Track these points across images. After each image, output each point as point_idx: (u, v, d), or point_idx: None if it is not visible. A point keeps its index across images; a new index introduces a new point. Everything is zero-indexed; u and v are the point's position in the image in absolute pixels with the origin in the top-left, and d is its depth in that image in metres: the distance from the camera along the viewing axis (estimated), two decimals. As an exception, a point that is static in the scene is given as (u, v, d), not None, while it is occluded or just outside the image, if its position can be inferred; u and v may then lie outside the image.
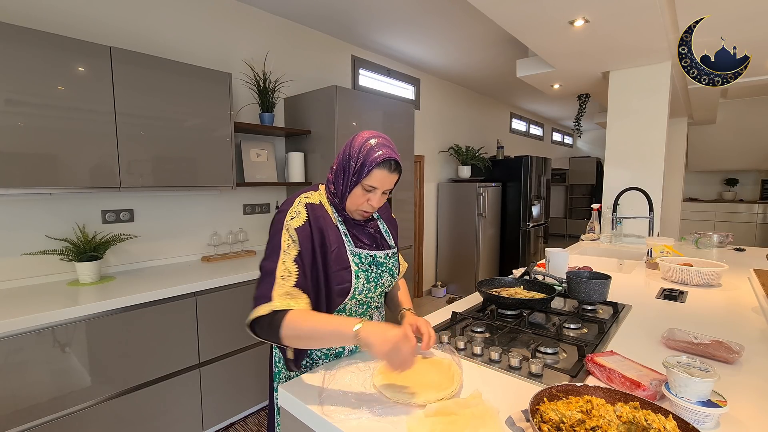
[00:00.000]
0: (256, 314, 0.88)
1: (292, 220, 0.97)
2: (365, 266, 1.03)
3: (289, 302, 0.88)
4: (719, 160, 6.76)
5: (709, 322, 1.28)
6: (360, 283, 1.01)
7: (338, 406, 0.81)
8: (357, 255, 1.03)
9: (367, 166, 0.95)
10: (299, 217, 0.97)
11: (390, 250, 1.11)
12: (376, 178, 0.96)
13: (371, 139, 0.98)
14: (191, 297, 1.95)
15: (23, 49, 1.60)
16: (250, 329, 0.92)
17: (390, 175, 0.98)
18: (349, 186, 0.99)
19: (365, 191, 0.99)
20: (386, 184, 0.99)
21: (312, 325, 0.86)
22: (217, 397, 2.09)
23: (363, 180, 0.97)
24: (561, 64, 3.28)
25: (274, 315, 0.87)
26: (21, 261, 1.89)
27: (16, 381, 1.47)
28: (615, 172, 3.46)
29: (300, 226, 0.96)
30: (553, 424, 0.66)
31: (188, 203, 2.50)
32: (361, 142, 0.98)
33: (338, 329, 0.84)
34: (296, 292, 0.90)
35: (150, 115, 1.98)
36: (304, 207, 0.99)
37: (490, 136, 5.90)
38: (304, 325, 0.85)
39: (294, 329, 0.85)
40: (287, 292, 0.89)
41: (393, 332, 0.81)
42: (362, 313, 1.08)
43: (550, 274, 1.64)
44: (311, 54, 3.18)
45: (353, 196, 1.00)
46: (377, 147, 0.96)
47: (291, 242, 0.94)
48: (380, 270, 1.06)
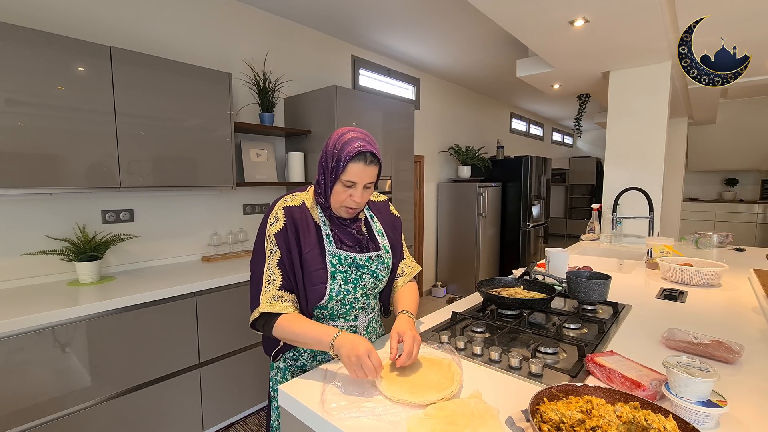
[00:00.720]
0: (252, 317, 1.01)
1: (271, 225, 1.01)
2: (344, 267, 1.03)
3: (276, 305, 0.97)
4: (719, 160, 6.76)
5: (709, 322, 1.28)
6: (336, 285, 1.01)
7: (338, 406, 0.81)
8: (336, 256, 1.03)
9: (342, 161, 0.95)
10: (277, 222, 1.01)
11: (375, 252, 1.08)
12: (353, 172, 0.96)
13: (345, 134, 0.98)
14: (191, 297, 1.95)
15: (23, 49, 1.60)
16: (253, 327, 1.04)
17: (366, 167, 0.97)
18: (329, 184, 0.99)
19: (345, 187, 0.98)
20: (365, 178, 0.98)
21: (297, 330, 0.95)
22: (217, 397, 2.09)
23: (341, 176, 0.96)
24: (561, 64, 3.28)
25: (267, 318, 0.99)
26: (21, 261, 1.89)
27: (16, 381, 1.47)
28: (615, 172, 3.46)
29: (278, 231, 1.00)
30: (553, 424, 0.66)
31: (188, 203, 2.50)
32: (335, 138, 0.99)
33: (318, 337, 0.93)
34: (282, 295, 0.99)
35: (150, 115, 1.98)
36: (282, 211, 1.02)
37: (490, 136, 5.90)
38: (290, 330, 0.95)
39: (283, 332, 0.97)
40: (273, 296, 0.98)
41: (362, 347, 0.86)
42: (345, 313, 1.07)
43: (550, 274, 1.64)
44: (311, 54, 3.18)
45: (335, 194, 1.00)
46: (351, 141, 0.96)
47: (273, 247, 1.00)
48: (360, 272, 1.04)
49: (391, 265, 1.13)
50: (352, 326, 1.09)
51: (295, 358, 1.10)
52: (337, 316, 1.07)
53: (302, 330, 0.94)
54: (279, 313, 0.97)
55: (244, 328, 2.15)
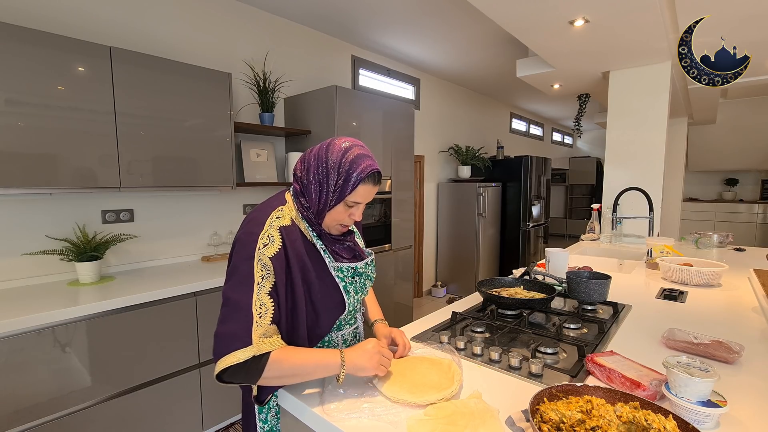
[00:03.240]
0: (234, 360, 0.76)
1: (265, 247, 0.85)
2: (350, 279, 0.99)
3: (269, 342, 0.80)
4: (719, 160, 6.76)
5: (709, 322, 1.28)
6: (351, 297, 0.99)
7: (338, 406, 0.81)
8: (339, 269, 0.97)
9: (352, 182, 0.87)
10: (273, 244, 0.86)
11: (369, 257, 1.06)
12: (361, 193, 0.89)
13: (350, 149, 0.89)
14: (191, 297, 1.95)
15: (23, 49, 1.60)
16: (219, 379, 0.80)
17: (374, 188, 0.92)
18: (330, 203, 0.90)
19: (348, 207, 0.91)
20: (369, 198, 0.93)
21: (297, 362, 0.82)
22: (217, 397, 2.09)
23: (347, 196, 0.89)
24: (561, 64, 3.28)
25: (255, 359, 0.79)
26: (21, 261, 1.89)
27: (17, 381, 1.46)
28: (615, 172, 3.46)
29: (275, 254, 0.85)
30: (553, 424, 0.66)
31: (188, 203, 2.50)
32: (338, 153, 0.88)
33: (325, 362, 0.84)
34: (273, 330, 0.82)
35: (150, 115, 1.98)
36: (277, 231, 0.88)
37: (490, 136, 5.90)
38: (289, 364, 0.81)
39: (278, 370, 0.80)
40: (265, 332, 0.81)
41: (370, 347, 0.87)
42: (350, 320, 1.07)
43: (550, 274, 1.64)
44: (311, 54, 3.18)
45: (334, 212, 0.91)
46: (359, 159, 0.88)
47: (265, 273, 0.83)
48: (363, 279, 1.03)
49: None
50: (355, 329, 1.09)
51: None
52: (344, 325, 1.06)
53: (304, 360, 0.83)
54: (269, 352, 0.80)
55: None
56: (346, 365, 0.84)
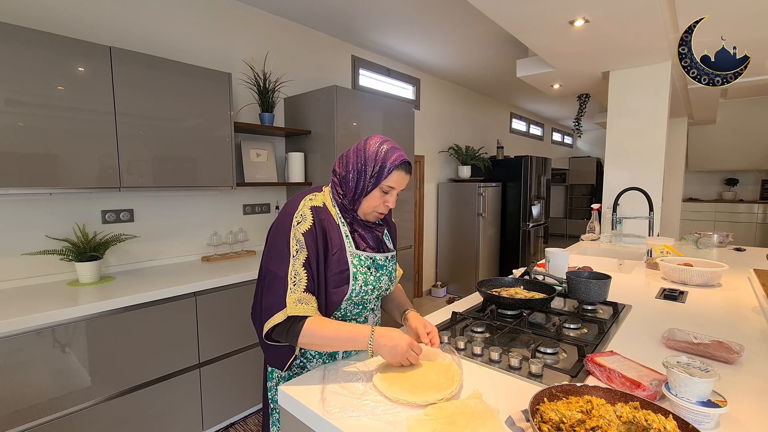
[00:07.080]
0: (274, 322, 0.93)
1: (298, 224, 0.99)
2: (364, 268, 1.05)
3: (302, 308, 0.93)
4: (719, 160, 6.76)
5: (709, 322, 1.28)
6: (357, 285, 1.03)
7: (338, 406, 0.81)
8: (356, 256, 1.05)
9: (387, 168, 1.01)
10: (305, 221, 1.00)
11: (390, 253, 1.13)
12: (394, 179, 1.02)
13: (384, 143, 1.04)
14: (191, 297, 1.95)
15: (23, 49, 1.60)
16: (267, 337, 0.96)
17: (406, 176, 1.04)
18: (367, 188, 1.02)
19: (383, 193, 1.03)
20: (402, 185, 1.05)
21: (330, 333, 0.92)
22: (217, 397, 2.09)
23: (383, 182, 1.01)
24: (561, 64, 3.28)
25: (291, 322, 0.93)
26: (21, 261, 1.89)
27: (16, 381, 1.46)
28: (615, 172, 3.46)
29: (307, 230, 0.98)
30: (553, 424, 0.66)
31: (188, 203, 2.50)
32: (375, 146, 1.03)
33: (354, 336, 0.92)
34: (307, 297, 0.95)
35: (150, 115, 1.98)
36: (309, 210, 1.01)
37: (490, 136, 5.90)
38: (322, 333, 0.92)
39: (312, 336, 0.92)
40: (299, 298, 0.94)
41: (403, 342, 0.91)
42: (357, 314, 1.09)
43: (550, 274, 1.64)
44: (311, 54, 3.18)
45: (370, 199, 1.03)
46: (392, 150, 1.03)
47: (299, 247, 0.97)
48: (380, 273, 1.08)
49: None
50: None
51: (302, 366, 1.07)
52: (349, 317, 1.07)
53: (335, 332, 0.92)
54: (304, 317, 0.93)
55: (244, 328, 2.15)
56: (374, 344, 0.91)
